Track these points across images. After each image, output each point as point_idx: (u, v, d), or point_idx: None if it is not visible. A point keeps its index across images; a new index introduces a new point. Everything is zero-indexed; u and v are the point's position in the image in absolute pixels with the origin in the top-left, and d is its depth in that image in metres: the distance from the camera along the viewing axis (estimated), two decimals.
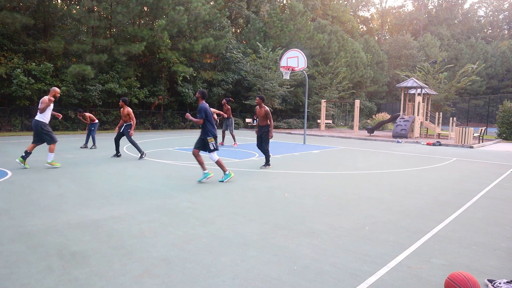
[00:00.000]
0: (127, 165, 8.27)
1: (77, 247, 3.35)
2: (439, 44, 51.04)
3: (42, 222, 4.07)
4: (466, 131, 15.58)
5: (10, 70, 16.84)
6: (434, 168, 8.70)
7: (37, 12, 19.20)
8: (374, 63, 42.77)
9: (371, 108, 39.69)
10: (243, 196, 5.47)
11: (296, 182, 6.61)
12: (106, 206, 4.77)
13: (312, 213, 4.62)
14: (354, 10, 63.32)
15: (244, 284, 2.71)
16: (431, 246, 3.56)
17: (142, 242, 3.52)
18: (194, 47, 22.50)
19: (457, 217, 4.59)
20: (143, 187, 5.93)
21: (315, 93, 30.90)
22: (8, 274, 2.80)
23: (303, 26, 30.81)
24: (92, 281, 2.72)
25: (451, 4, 64.18)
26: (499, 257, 3.35)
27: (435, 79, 25.27)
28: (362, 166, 8.84)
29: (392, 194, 5.86)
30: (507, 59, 45.32)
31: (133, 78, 21.36)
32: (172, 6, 21.28)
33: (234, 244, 3.52)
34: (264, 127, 8.08)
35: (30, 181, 6.24)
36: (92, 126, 11.41)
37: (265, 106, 8.04)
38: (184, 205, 4.89)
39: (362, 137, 18.98)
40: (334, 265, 3.08)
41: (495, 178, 7.62)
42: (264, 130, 8.06)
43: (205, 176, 6.52)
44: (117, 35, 22.26)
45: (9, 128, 18.09)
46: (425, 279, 2.86)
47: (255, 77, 25.79)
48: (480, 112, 39.93)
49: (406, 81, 20.56)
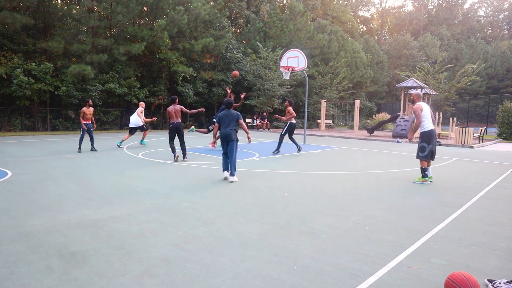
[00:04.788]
0: (127, 165, 8.27)
1: (77, 247, 3.35)
2: (439, 44, 51.03)
3: (42, 222, 4.07)
4: (466, 131, 15.58)
5: (10, 70, 16.84)
6: (434, 168, 8.70)
7: (37, 12, 19.20)
8: (374, 63, 42.75)
9: (371, 108, 39.68)
10: (243, 196, 5.47)
11: (296, 182, 6.61)
12: (106, 206, 4.77)
13: (312, 213, 4.62)
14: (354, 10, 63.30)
15: (244, 284, 2.71)
16: (431, 246, 3.56)
17: (142, 242, 3.52)
18: (194, 47, 22.50)
19: (457, 217, 4.59)
20: (143, 187, 5.93)
21: (315, 93, 30.90)
22: (8, 274, 2.80)
23: (303, 26, 30.81)
24: (92, 281, 2.72)
25: (451, 4, 64.16)
26: (499, 257, 3.35)
27: (435, 79, 25.27)
28: (362, 166, 8.84)
29: (392, 194, 5.86)
30: (507, 59, 45.30)
31: (133, 78, 21.36)
32: (172, 6, 21.29)
33: (234, 244, 3.52)
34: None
35: (30, 181, 6.24)
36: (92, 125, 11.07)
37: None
38: (184, 205, 4.89)
39: (362, 137, 18.97)
40: (334, 265, 3.08)
41: (495, 178, 7.62)
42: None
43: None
44: (117, 35, 22.25)
45: (9, 128, 18.10)
46: (425, 279, 2.86)
47: (255, 77, 25.79)
48: (480, 112, 39.92)
49: (406, 81, 20.57)
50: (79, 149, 10.47)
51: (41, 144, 12.68)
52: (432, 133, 6.78)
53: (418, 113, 6.77)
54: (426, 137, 6.79)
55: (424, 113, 6.79)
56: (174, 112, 9.10)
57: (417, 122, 6.86)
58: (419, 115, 6.78)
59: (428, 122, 6.80)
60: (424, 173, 6.83)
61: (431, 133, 6.77)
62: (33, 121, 18.99)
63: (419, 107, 6.78)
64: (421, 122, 6.80)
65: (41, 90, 17.94)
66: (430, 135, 6.76)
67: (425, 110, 6.81)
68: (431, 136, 6.76)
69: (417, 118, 6.82)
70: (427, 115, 6.81)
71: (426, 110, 6.82)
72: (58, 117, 19.67)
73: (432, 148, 6.76)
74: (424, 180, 6.84)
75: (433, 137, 6.80)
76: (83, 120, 10.50)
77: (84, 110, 10.47)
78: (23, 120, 18.51)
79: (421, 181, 6.87)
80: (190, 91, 23.45)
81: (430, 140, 6.76)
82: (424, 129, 6.80)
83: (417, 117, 6.81)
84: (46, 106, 19.31)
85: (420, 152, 6.83)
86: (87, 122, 10.58)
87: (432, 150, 6.77)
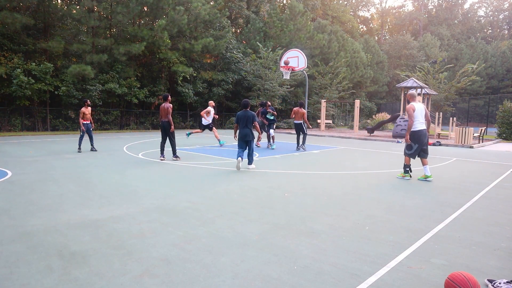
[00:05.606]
0: (127, 165, 8.27)
1: (77, 247, 3.35)
2: (439, 44, 51.02)
3: (42, 222, 4.07)
4: (466, 131, 15.58)
5: (10, 70, 16.84)
6: (434, 168, 8.70)
7: (37, 12, 19.21)
8: (374, 63, 42.75)
9: (371, 108, 39.67)
10: (243, 196, 5.47)
11: (296, 182, 6.61)
12: (106, 206, 4.77)
13: (312, 213, 4.62)
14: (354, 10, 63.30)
15: (244, 284, 2.71)
16: (431, 246, 3.56)
17: (142, 242, 3.52)
18: (194, 47, 22.50)
19: (457, 217, 4.59)
20: (143, 187, 5.93)
21: (315, 93, 30.90)
22: (8, 274, 2.81)
23: (303, 26, 30.81)
24: (92, 281, 2.72)
25: (451, 4, 64.16)
26: (499, 257, 3.35)
27: (435, 79, 25.26)
28: (362, 166, 8.84)
29: (392, 194, 5.86)
30: (507, 59, 45.30)
31: (133, 78, 21.36)
32: (172, 6, 21.29)
33: (234, 244, 3.52)
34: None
35: (30, 181, 6.25)
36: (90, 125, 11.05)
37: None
38: (184, 205, 4.89)
39: (362, 137, 18.97)
40: (334, 265, 3.08)
41: (495, 178, 7.62)
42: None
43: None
44: (117, 35, 22.26)
45: (9, 128, 18.10)
46: (425, 279, 2.86)
47: (255, 77, 25.78)
48: (480, 112, 39.91)
49: (406, 81, 20.56)
50: (79, 149, 10.48)
51: (41, 144, 12.68)
52: (421, 133, 7.03)
53: (411, 113, 7.03)
54: (414, 136, 7.07)
55: (416, 113, 7.02)
56: (163, 110, 8.87)
57: (409, 122, 7.09)
58: (411, 115, 7.03)
59: (418, 122, 7.05)
60: (406, 169, 7.23)
61: (420, 133, 7.03)
62: (33, 121, 18.99)
63: (411, 107, 7.03)
64: (413, 122, 7.05)
65: (41, 90, 17.94)
66: (419, 135, 7.03)
67: (417, 111, 7.04)
68: (419, 136, 7.03)
69: (409, 118, 7.07)
70: (418, 115, 7.05)
71: (418, 110, 7.05)
72: (58, 117, 19.67)
73: (419, 147, 7.06)
74: (405, 175, 7.25)
75: (423, 137, 7.04)
76: (83, 120, 10.51)
77: (83, 111, 10.49)
78: (23, 120, 18.52)
79: (402, 176, 7.31)
80: (190, 91, 23.45)
81: (418, 140, 7.04)
82: (414, 129, 7.07)
83: (409, 117, 7.06)
84: (46, 106, 19.31)
85: (407, 149, 7.21)
86: (86, 122, 10.59)
87: (421, 149, 7.08)
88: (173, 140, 9.09)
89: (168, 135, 9.01)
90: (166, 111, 8.86)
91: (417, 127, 7.03)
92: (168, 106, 8.89)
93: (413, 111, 6.99)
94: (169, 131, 8.97)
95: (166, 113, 8.87)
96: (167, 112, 8.87)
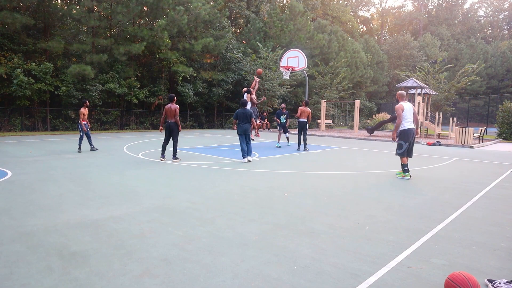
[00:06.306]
0: (127, 165, 8.27)
1: (77, 247, 3.35)
2: (439, 44, 51.03)
3: (42, 222, 4.07)
4: (466, 131, 15.58)
5: (10, 70, 16.84)
6: (434, 168, 8.70)
7: (37, 12, 19.21)
8: (374, 63, 42.76)
9: (371, 108, 39.68)
10: (243, 196, 5.47)
11: (296, 182, 6.61)
12: (106, 206, 4.77)
13: (312, 213, 4.62)
14: (354, 10, 63.31)
15: (244, 284, 2.71)
16: (431, 246, 3.56)
17: (142, 242, 3.52)
18: (194, 47, 22.50)
19: (457, 217, 4.59)
20: (143, 187, 5.93)
21: (315, 93, 30.89)
22: (8, 274, 2.81)
23: (303, 26, 30.81)
24: (92, 281, 2.72)
25: (451, 4, 64.16)
26: (499, 257, 3.35)
27: (435, 79, 25.26)
28: (362, 166, 8.84)
29: (392, 194, 5.86)
30: (507, 59, 45.31)
31: (133, 78, 21.36)
32: (172, 6, 21.29)
33: (234, 244, 3.52)
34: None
35: (30, 181, 6.24)
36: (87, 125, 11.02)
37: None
38: (184, 205, 4.89)
39: (362, 137, 18.98)
40: (334, 265, 3.08)
41: (495, 178, 7.62)
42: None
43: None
44: (117, 35, 22.26)
45: (9, 128, 18.10)
46: (425, 279, 2.86)
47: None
48: (480, 112, 39.92)
49: (406, 81, 20.57)
50: (79, 149, 10.49)
51: (41, 144, 12.68)
52: (409, 132, 7.22)
53: (399, 113, 7.24)
54: (403, 135, 7.26)
55: (405, 113, 7.23)
56: (170, 111, 8.95)
57: (397, 121, 7.29)
58: (400, 115, 7.23)
59: (407, 121, 7.24)
60: (404, 169, 7.28)
61: (409, 132, 7.22)
62: (33, 121, 18.99)
63: (400, 107, 7.23)
64: (401, 121, 7.24)
65: (41, 90, 17.94)
66: (408, 134, 7.22)
67: (406, 110, 7.24)
68: (408, 135, 7.22)
69: (398, 117, 7.26)
70: (407, 115, 7.25)
71: (407, 110, 7.25)
72: (58, 117, 19.67)
73: (408, 145, 7.24)
74: (405, 175, 7.28)
75: (411, 135, 7.23)
76: (83, 121, 10.56)
77: (83, 111, 10.55)
78: (23, 120, 18.52)
79: (401, 176, 7.34)
80: (190, 91, 23.45)
81: (407, 138, 7.22)
82: (403, 128, 7.25)
83: (398, 116, 7.26)
84: (46, 106, 19.31)
85: (398, 149, 7.34)
86: (85, 122, 10.68)
87: (409, 148, 7.27)
88: (176, 141, 9.14)
89: (172, 136, 9.06)
90: (173, 112, 8.94)
91: (406, 126, 7.22)
92: (176, 107, 8.97)
93: (402, 110, 7.20)
94: (176, 132, 9.05)
95: (173, 114, 8.96)
96: (175, 113, 8.98)
